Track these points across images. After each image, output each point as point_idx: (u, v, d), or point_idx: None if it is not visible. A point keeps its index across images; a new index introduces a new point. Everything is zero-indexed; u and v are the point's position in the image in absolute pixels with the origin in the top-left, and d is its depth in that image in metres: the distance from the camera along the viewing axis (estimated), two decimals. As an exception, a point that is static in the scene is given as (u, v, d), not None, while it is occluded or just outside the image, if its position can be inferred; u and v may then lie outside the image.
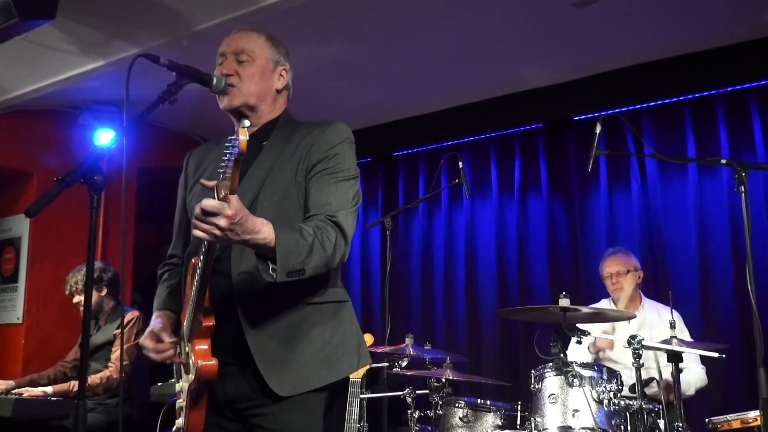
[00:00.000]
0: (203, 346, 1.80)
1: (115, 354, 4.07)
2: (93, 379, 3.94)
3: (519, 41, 4.11)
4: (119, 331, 4.08)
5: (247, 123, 1.56)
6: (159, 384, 3.87)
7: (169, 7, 3.54)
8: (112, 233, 5.22)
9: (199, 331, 1.80)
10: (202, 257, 1.72)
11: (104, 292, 4.25)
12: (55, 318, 4.77)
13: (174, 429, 1.95)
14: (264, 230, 1.66)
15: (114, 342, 4.12)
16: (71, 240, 5.04)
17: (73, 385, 3.99)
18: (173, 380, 3.82)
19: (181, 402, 1.91)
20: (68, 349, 4.47)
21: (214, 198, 1.55)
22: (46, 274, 4.95)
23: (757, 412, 3.01)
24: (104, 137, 4.90)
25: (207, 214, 1.55)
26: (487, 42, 4.11)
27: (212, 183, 1.57)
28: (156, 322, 1.98)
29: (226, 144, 1.53)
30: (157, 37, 3.82)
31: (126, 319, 4.16)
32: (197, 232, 1.59)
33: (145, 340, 1.94)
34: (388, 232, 4.30)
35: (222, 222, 1.56)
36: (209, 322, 1.80)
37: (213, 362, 1.78)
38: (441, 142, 5.48)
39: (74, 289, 4.20)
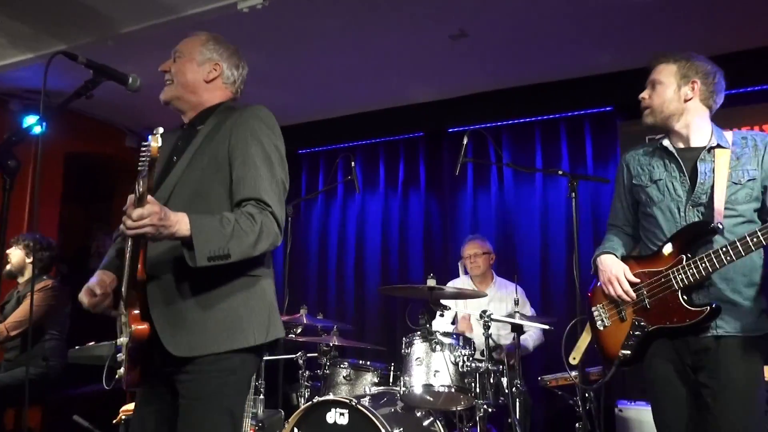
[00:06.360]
0: (137, 311, 1.69)
1: (12, 316, 3.78)
2: None
3: (405, 64, 4.15)
4: (27, 297, 3.82)
5: (160, 130, 1.49)
6: (77, 347, 3.66)
7: (96, 10, 3.32)
8: (41, 212, 4.90)
9: (133, 298, 1.70)
10: (129, 244, 1.64)
11: (31, 259, 3.95)
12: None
13: (116, 377, 1.84)
14: (183, 221, 1.58)
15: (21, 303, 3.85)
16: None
17: None
18: (91, 343, 3.65)
19: (121, 356, 1.79)
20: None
21: (135, 195, 1.51)
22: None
23: (575, 372, 3.23)
24: (31, 123, 4.61)
25: (136, 220, 1.50)
26: (380, 62, 4.13)
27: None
28: (92, 279, 1.85)
29: (141, 148, 1.47)
30: (85, 36, 3.57)
31: (38, 287, 3.87)
32: (129, 233, 1.52)
33: (81, 296, 1.81)
34: (289, 218, 4.24)
35: (153, 220, 1.51)
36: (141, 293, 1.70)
37: (144, 326, 1.67)
38: (339, 144, 5.46)
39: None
